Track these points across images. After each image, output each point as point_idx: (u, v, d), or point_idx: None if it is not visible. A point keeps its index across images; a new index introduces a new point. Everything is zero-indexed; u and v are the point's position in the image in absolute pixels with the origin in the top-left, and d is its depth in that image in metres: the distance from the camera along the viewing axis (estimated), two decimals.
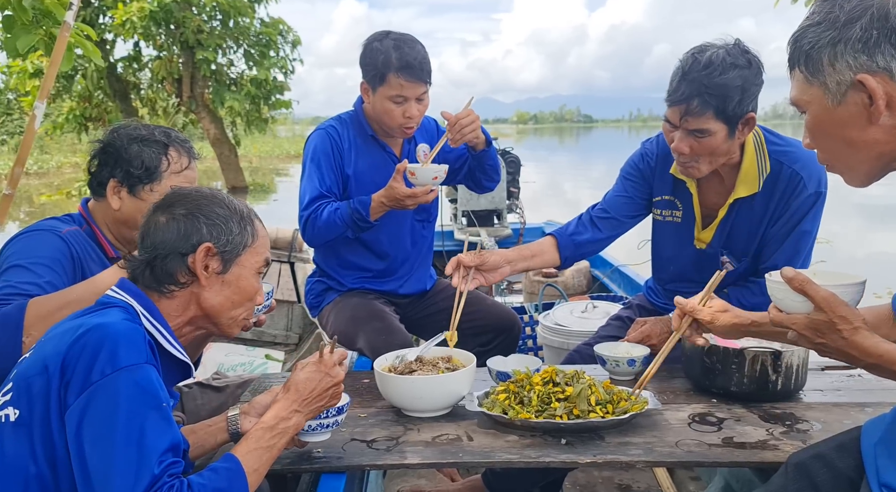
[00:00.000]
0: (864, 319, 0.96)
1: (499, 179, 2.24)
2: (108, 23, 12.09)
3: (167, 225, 1.10)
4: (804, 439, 1.27)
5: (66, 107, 12.72)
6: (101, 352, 0.94)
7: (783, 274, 1.00)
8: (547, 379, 1.41)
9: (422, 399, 1.41)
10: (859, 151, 0.94)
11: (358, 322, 2.03)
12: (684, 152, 1.60)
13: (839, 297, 0.98)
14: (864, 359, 0.96)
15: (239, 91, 12.66)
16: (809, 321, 0.99)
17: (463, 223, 4.45)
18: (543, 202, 11.33)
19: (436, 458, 1.26)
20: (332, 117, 2.16)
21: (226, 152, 14.17)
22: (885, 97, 0.89)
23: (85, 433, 0.92)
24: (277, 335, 3.54)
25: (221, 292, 1.13)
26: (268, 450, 1.08)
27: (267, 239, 1.19)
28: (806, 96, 0.96)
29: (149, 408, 0.94)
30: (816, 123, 0.97)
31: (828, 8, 0.92)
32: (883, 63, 0.88)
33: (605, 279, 3.45)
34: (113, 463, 0.90)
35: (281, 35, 12.89)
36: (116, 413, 0.92)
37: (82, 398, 0.92)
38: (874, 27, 0.87)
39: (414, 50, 1.94)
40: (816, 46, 0.92)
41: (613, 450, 1.24)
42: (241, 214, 1.14)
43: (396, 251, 2.16)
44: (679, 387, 1.54)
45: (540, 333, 2.53)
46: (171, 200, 1.13)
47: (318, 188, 2.01)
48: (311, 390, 1.15)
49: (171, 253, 1.09)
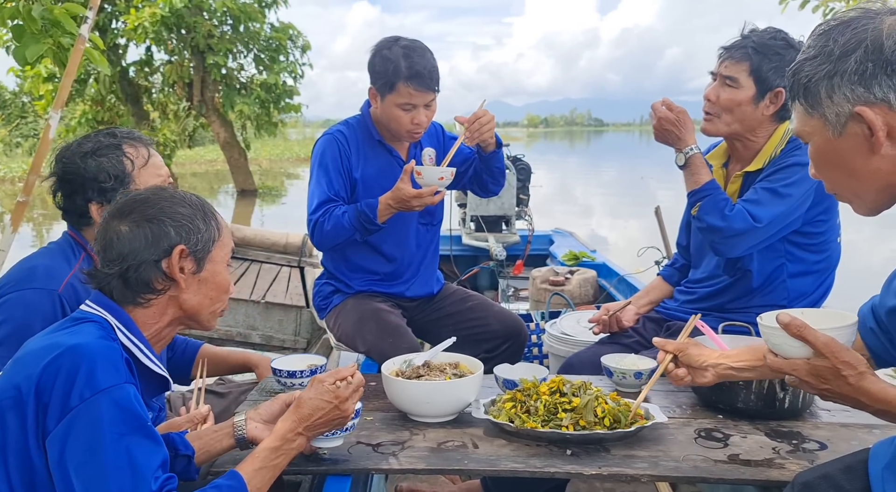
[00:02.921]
0: (867, 364, 0.96)
1: (504, 183, 2.26)
2: (120, 28, 12.22)
3: (132, 233, 1.06)
4: (811, 458, 1.26)
5: (79, 111, 12.85)
6: (78, 375, 0.92)
7: (779, 320, 0.98)
8: (554, 389, 1.41)
9: (429, 404, 1.41)
10: (864, 181, 0.94)
11: (365, 324, 2.04)
12: (711, 99, 1.71)
13: (838, 341, 0.96)
14: (872, 405, 0.95)
15: (249, 95, 12.74)
16: (811, 368, 0.97)
17: (471, 228, 4.46)
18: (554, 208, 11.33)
19: (441, 464, 1.26)
20: (340, 122, 2.18)
21: (235, 155, 14.26)
22: (885, 128, 0.88)
23: (69, 460, 0.90)
24: (286, 340, 3.57)
25: (200, 291, 1.11)
26: (271, 469, 1.09)
27: (228, 229, 1.18)
28: (808, 128, 0.96)
29: (132, 429, 0.93)
30: (820, 154, 0.97)
31: (822, 42, 0.92)
32: (881, 94, 0.88)
33: (611, 289, 3.44)
34: (107, 488, 0.89)
35: (291, 40, 12.97)
36: (101, 438, 0.90)
37: (63, 424, 0.91)
38: (869, 59, 0.88)
39: (423, 58, 1.95)
40: (814, 80, 0.92)
41: (619, 462, 1.24)
42: (203, 210, 1.12)
43: (402, 254, 2.17)
44: (686, 402, 1.53)
45: (546, 342, 2.52)
46: (129, 207, 1.08)
47: (327, 192, 2.02)
48: (317, 418, 1.16)
49: (144, 262, 1.05)
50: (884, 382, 0.95)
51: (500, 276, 3.98)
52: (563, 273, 3.54)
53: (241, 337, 3.53)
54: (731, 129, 1.71)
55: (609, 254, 4.31)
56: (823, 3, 3.88)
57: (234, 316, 3.56)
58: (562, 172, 22.38)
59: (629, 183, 18.01)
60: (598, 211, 12.29)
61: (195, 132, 15.36)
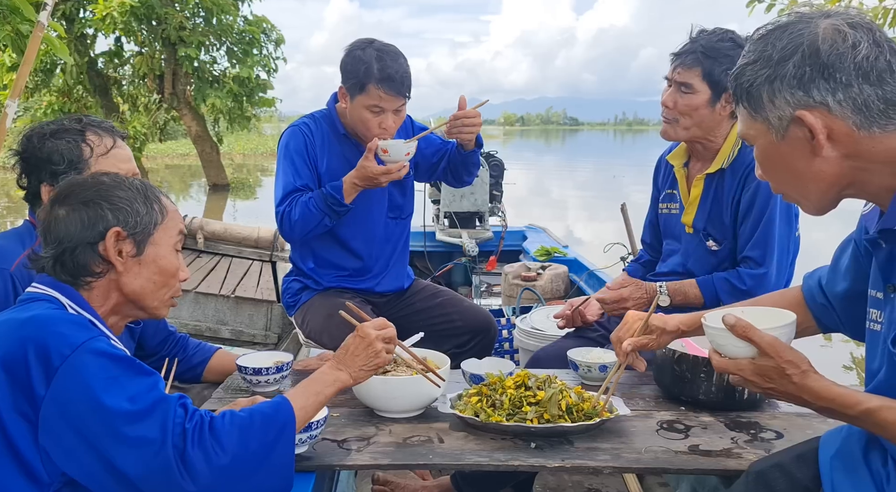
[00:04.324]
0: (809, 362, 0.97)
1: (477, 173, 2.27)
2: (88, 17, 11.92)
3: (68, 217, 1.06)
4: (767, 447, 1.28)
5: (46, 101, 12.52)
6: (50, 338, 0.94)
7: (725, 321, 1.00)
8: (519, 383, 1.42)
9: (395, 400, 1.41)
10: (808, 182, 0.95)
11: (333, 320, 2.03)
12: (669, 105, 1.74)
13: (781, 340, 0.98)
14: (815, 403, 0.96)
15: (221, 88, 12.54)
16: (756, 367, 0.98)
17: (445, 225, 4.46)
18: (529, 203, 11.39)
19: (406, 459, 1.26)
20: (306, 115, 2.16)
21: (207, 149, 14.04)
22: (825, 130, 0.90)
23: (71, 418, 0.92)
24: (256, 335, 3.53)
25: (141, 274, 1.11)
26: (315, 394, 1.15)
27: (178, 214, 1.18)
28: (752, 131, 0.98)
29: (122, 369, 0.96)
30: (764, 157, 0.99)
31: (761, 47, 0.93)
32: (819, 98, 0.89)
33: (581, 283, 3.48)
34: (119, 430, 0.92)
35: (265, 33, 12.80)
36: (93, 388, 0.92)
37: (53, 387, 0.92)
38: (807, 64, 0.89)
39: (396, 63, 1.94)
40: (755, 84, 0.93)
41: (581, 455, 1.26)
42: (144, 194, 1.12)
43: (371, 249, 2.17)
44: (648, 394, 1.56)
45: (516, 337, 2.54)
46: (67, 191, 1.09)
47: (293, 183, 2.01)
48: (350, 353, 1.23)
49: (80, 245, 1.06)
50: (827, 380, 0.97)
51: (474, 272, 4.00)
52: (535, 269, 3.56)
53: (211, 332, 3.49)
54: (690, 133, 1.75)
55: (581, 250, 4.36)
56: (789, 7, 3.97)
57: (203, 311, 3.51)
58: (538, 169, 22.54)
59: (602, 181, 18.21)
60: (572, 208, 12.44)
61: (166, 125, 15.06)
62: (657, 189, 1.99)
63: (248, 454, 0.98)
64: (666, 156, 1.93)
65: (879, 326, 0.99)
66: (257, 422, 1.02)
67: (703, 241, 1.80)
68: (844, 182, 0.93)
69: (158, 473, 0.92)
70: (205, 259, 4.12)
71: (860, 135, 0.89)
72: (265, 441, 1.01)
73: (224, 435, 0.97)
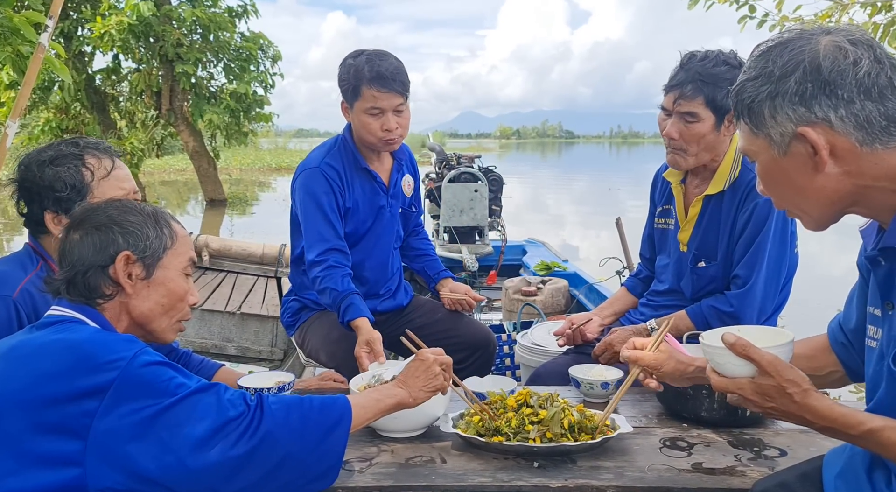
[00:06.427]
0: (809, 382, 0.96)
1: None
2: (86, 35, 11.98)
3: (81, 241, 1.10)
4: (771, 465, 1.28)
5: (43, 119, 12.53)
6: (96, 354, 0.97)
7: (724, 340, 0.99)
8: (521, 402, 1.42)
9: (396, 420, 1.39)
10: (809, 198, 0.95)
11: (332, 341, 2.02)
12: (674, 137, 1.71)
13: (781, 359, 0.97)
14: (817, 422, 0.95)
15: (218, 104, 12.58)
16: (756, 386, 0.97)
17: (445, 239, 4.47)
18: (525, 218, 11.41)
19: (409, 480, 1.25)
20: (325, 151, 2.10)
21: (204, 165, 14.05)
22: (828, 147, 0.90)
23: (135, 426, 0.95)
24: (262, 351, 3.52)
25: (150, 297, 1.13)
26: (375, 400, 1.22)
27: (187, 239, 1.20)
28: (754, 147, 0.98)
29: (176, 369, 1.01)
30: (766, 173, 0.99)
31: (762, 63, 0.93)
32: (821, 114, 0.89)
33: (581, 297, 3.48)
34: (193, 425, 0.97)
35: (261, 50, 12.88)
36: (157, 392, 0.96)
37: (107, 400, 0.94)
38: (808, 80, 0.89)
39: (386, 61, 1.95)
40: (756, 100, 0.94)
41: (585, 474, 1.25)
42: (155, 219, 1.15)
43: (377, 275, 2.19)
44: (651, 411, 1.56)
45: (517, 353, 2.54)
46: (82, 217, 1.13)
47: (329, 240, 1.97)
48: (411, 375, 1.31)
49: (91, 268, 1.09)
50: (828, 399, 0.96)
51: (474, 287, 4.00)
52: (536, 283, 3.56)
53: (217, 349, 3.47)
54: (699, 159, 1.73)
55: (580, 263, 4.37)
56: (780, 23, 4.01)
57: (208, 328, 3.50)
58: (534, 182, 22.60)
59: (599, 194, 18.27)
60: (570, 221, 12.46)
61: (164, 141, 15.08)
62: (654, 204, 2.00)
63: (305, 432, 1.05)
64: (663, 173, 1.94)
65: (876, 343, 0.98)
66: (316, 405, 1.09)
67: (695, 260, 1.80)
68: (847, 199, 0.94)
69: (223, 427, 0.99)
70: (210, 276, 4.12)
71: (862, 151, 0.89)
72: (323, 423, 1.08)
73: (280, 407, 1.05)
